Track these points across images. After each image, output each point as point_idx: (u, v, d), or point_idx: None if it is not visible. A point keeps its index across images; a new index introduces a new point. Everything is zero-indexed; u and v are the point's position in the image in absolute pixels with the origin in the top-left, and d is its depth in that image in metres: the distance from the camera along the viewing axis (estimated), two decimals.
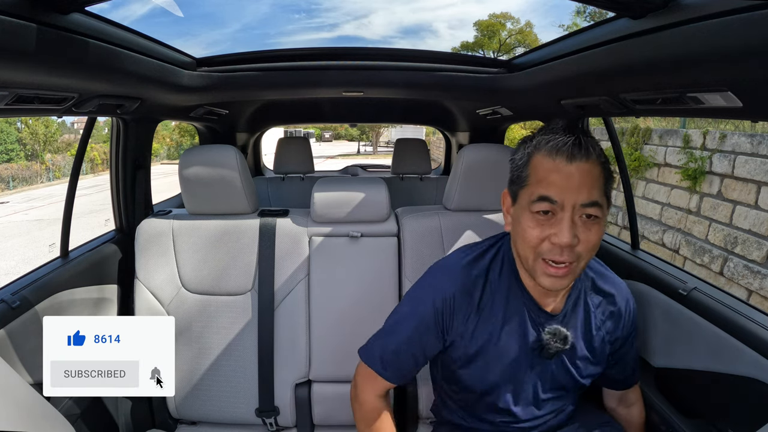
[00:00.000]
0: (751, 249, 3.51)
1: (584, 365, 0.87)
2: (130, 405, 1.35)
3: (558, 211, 0.71)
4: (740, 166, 3.68)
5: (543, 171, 0.72)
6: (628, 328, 0.90)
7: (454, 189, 1.27)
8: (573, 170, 0.70)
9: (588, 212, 0.71)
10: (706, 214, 4.03)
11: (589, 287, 0.88)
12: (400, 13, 38.01)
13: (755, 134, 3.62)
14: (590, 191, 0.70)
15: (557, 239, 0.70)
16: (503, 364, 0.84)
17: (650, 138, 4.89)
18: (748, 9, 0.52)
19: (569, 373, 0.86)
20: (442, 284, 0.86)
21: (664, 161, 4.65)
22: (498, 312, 0.84)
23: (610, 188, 0.75)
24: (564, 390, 0.89)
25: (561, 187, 0.70)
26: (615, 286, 0.90)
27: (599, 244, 0.74)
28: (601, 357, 0.88)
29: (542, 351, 0.83)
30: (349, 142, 40.41)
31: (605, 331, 0.88)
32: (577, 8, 13.71)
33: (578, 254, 0.72)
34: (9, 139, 21.46)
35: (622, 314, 0.89)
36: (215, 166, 1.24)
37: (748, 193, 3.60)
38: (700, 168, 4.06)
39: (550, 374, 0.86)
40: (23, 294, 1.03)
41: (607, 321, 0.88)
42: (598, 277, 0.89)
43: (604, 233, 0.76)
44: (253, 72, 1.27)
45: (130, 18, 24.16)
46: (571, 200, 0.70)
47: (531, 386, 0.87)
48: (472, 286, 0.84)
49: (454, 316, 0.84)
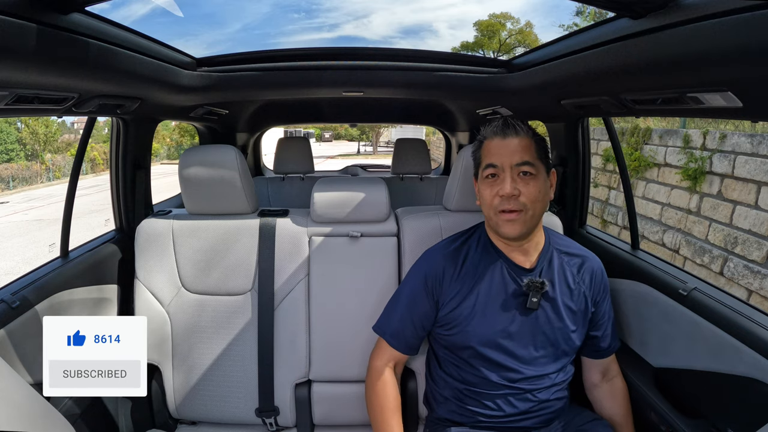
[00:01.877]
0: (751, 249, 3.51)
1: (569, 317, 0.99)
2: (130, 405, 1.35)
3: (500, 173, 0.94)
4: (740, 166, 3.68)
5: (487, 149, 0.97)
6: (603, 290, 1.04)
7: (454, 189, 1.26)
8: (507, 143, 0.94)
9: (522, 170, 0.93)
10: (706, 214, 4.03)
11: (560, 252, 1.03)
12: (400, 14, 38.05)
13: (755, 134, 3.61)
14: (522, 155, 0.93)
15: (502, 191, 0.92)
16: (493, 317, 0.97)
17: (650, 138, 4.89)
18: (748, 9, 0.52)
19: (557, 326, 0.98)
20: (429, 260, 1.06)
21: (664, 161, 4.64)
22: (480, 273, 1.00)
23: (543, 154, 0.96)
24: (555, 347, 0.98)
25: (500, 155, 0.94)
26: (584, 252, 1.06)
27: (539, 197, 0.93)
28: (583, 312, 1.01)
29: (526, 302, 0.96)
30: (349, 142, 40.42)
31: (584, 287, 1.02)
32: (577, 8, 13.71)
33: (523, 204, 0.92)
34: (9, 139, 21.46)
35: (595, 273, 1.03)
36: (215, 166, 1.24)
37: (748, 193, 3.60)
38: (700, 168, 4.06)
39: (540, 329, 0.97)
40: (23, 294, 1.03)
41: (584, 276, 1.02)
42: (566, 246, 1.06)
43: (547, 190, 0.96)
44: (253, 72, 1.27)
45: (130, 18, 24.16)
46: (508, 162, 0.93)
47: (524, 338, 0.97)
48: (454, 256, 1.03)
49: (443, 281, 1.02)
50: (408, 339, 1.06)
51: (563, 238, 1.08)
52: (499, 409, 0.99)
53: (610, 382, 1.10)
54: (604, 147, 5.80)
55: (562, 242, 1.06)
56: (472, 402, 1.01)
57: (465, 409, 1.01)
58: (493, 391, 0.98)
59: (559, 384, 1.01)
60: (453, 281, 1.01)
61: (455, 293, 1.00)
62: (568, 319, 0.99)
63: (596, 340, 1.06)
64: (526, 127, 0.96)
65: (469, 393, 1.01)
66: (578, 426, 1.01)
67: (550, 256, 1.01)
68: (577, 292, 1.00)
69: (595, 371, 1.11)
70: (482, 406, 1.00)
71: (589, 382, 1.13)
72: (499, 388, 0.98)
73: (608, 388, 1.10)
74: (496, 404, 0.99)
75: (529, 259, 1.00)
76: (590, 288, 1.02)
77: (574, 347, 1.02)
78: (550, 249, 1.02)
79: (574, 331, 0.99)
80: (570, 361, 1.04)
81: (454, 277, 1.01)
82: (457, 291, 1.00)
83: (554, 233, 1.08)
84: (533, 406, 0.99)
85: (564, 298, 0.99)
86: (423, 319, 1.04)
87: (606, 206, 5.74)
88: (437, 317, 1.03)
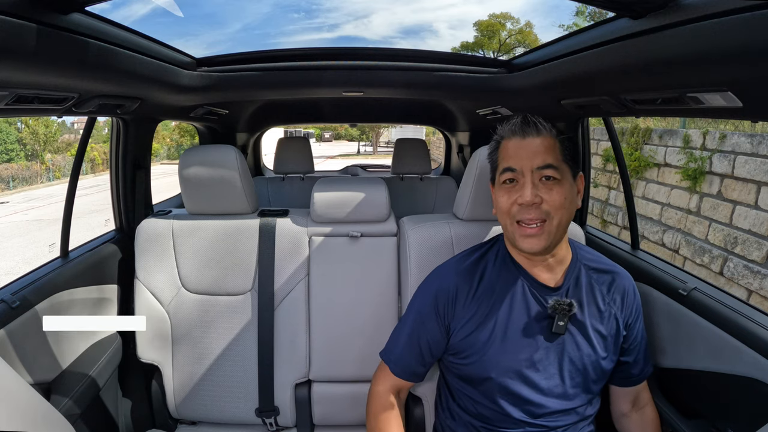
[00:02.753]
0: (751, 249, 3.51)
1: (599, 343, 0.87)
2: (130, 405, 1.35)
3: (520, 178, 0.82)
4: (740, 166, 3.67)
5: (505, 150, 0.85)
6: (635, 310, 0.92)
7: (467, 196, 1.10)
8: (527, 143, 0.82)
9: (545, 174, 0.80)
10: (706, 214, 4.03)
11: (588, 268, 0.91)
12: (401, 14, 38.07)
13: (755, 134, 3.61)
14: (544, 157, 0.81)
15: (521, 198, 0.80)
16: (515, 344, 0.85)
17: (650, 138, 4.89)
18: (748, 9, 0.52)
19: (586, 353, 0.85)
20: (440, 278, 0.93)
21: (664, 161, 4.64)
22: (499, 292, 0.88)
23: (568, 155, 0.83)
24: (584, 377, 0.86)
25: (519, 157, 0.82)
26: (615, 267, 0.94)
27: (565, 204, 0.81)
28: (614, 336, 0.88)
29: (552, 326, 0.84)
30: (349, 142, 40.42)
31: (615, 308, 0.89)
32: (577, 8, 13.71)
33: (546, 212, 0.80)
34: (9, 139, 21.46)
35: (627, 292, 0.91)
36: (215, 166, 1.24)
37: (748, 193, 3.60)
38: (700, 168, 4.06)
39: (567, 356, 0.85)
40: (23, 294, 1.03)
41: (614, 295, 0.90)
42: (595, 261, 0.93)
43: (574, 197, 0.84)
44: (253, 72, 1.27)
45: (130, 18, 24.18)
46: (528, 166, 0.81)
47: (550, 368, 0.85)
48: (469, 274, 0.90)
49: (456, 303, 0.89)
50: (412, 367, 0.94)
51: (590, 252, 0.95)
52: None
53: (640, 411, 0.99)
54: (604, 147, 5.80)
55: (590, 256, 0.93)
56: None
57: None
58: (513, 428, 0.87)
59: (587, 418, 0.90)
60: (468, 303, 0.88)
61: (470, 317, 0.88)
62: (598, 344, 0.86)
63: (627, 366, 0.94)
64: (549, 125, 0.84)
65: (485, 430, 0.89)
66: None
67: (578, 273, 0.89)
68: (608, 314, 0.88)
69: (624, 400, 0.99)
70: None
71: (617, 411, 1.01)
72: (520, 425, 0.86)
73: (638, 418, 0.98)
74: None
75: (554, 277, 0.87)
76: (622, 309, 0.90)
77: (605, 376, 0.90)
78: (577, 265, 0.89)
79: (604, 358, 0.87)
80: (599, 391, 0.92)
81: (469, 297, 0.88)
82: (473, 314, 0.88)
83: (580, 246, 0.96)
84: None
85: (593, 321, 0.87)
86: (431, 346, 0.92)
87: (606, 206, 5.74)
88: (449, 344, 0.90)
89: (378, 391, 0.97)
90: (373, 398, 0.97)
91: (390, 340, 0.99)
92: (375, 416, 0.94)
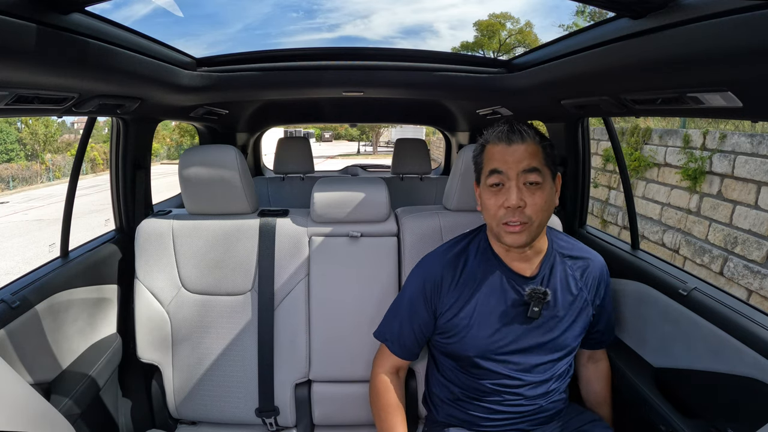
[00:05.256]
0: (751, 249, 3.51)
1: (571, 324, 0.97)
2: (130, 405, 1.35)
3: (506, 181, 0.89)
4: (740, 166, 3.67)
5: (491, 154, 0.92)
6: (605, 290, 1.04)
7: (453, 189, 1.25)
8: (513, 149, 0.89)
9: (530, 179, 0.88)
10: (706, 214, 4.03)
11: (563, 255, 1.01)
12: (401, 14, 38.10)
13: (755, 134, 3.61)
14: (529, 161, 0.88)
15: (508, 202, 0.87)
16: (492, 328, 0.95)
17: (650, 138, 4.89)
18: (748, 9, 0.52)
19: (558, 334, 0.96)
20: (427, 266, 1.03)
21: (664, 161, 4.64)
22: (479, 281, 0.98)
23: (549, 160, 0.91)
24: (557, 352, 0.97)
25: (505, 162, 0.89)
26: (589, 254, 1.04)
27: (545, 207, 0.89)
28: (586, 316, 0.99)
29: (527, 311, 0.94)
30: (349, 142, 40.43)
31: (586, 292, 1.00)
32: (577, 8, 13.70)
33: (528, 216, 0.88)
34: (9, 139, 21.46)
35: (598, 275, 1.01)
36: (215, 166, 1.24)
37: (748, 193, 3.60)
38: (700, 168, 4.06)
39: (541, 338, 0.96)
40: (23, 294, 1.03)
41: (587, 280, 1.00)
42: (569, 248, 1.03)
43: (552, 199, 0.91)
44: (253, 72, 1.27)
45: (130, 18, 24.19)
46: (514, 170, 0.88)
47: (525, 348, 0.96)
48: (453, 263, 1.01)
49: (441, 289, 1.00)
50: (408, 345, 1.05)
51: (566, 240, 1.05)
52: (499, 412, 0.98)
53: (596, 364, 1.15)
54: (604, 147, 5.80)
55: (565, 244, 1.03)
56: (471, 406, 1.00)
57: (464, 413, 1.02)
58: (492, 397, 0.98)
59: (559, 386, 1.01)
60: (451, 289, 0.99)
61: (453, 301, 0.98)
62: (570, 327, 0.97)
63: (594, 335, 1.08)
64: (533, 131, 0.90)
65: (467, 397, 1.01)
66: (577, 427, 1.01)
67: (553, 262, 0.98)
68: (580, 297, 0.98)
69: (585, 356, 1.15)
70: (481, 409, 0.99)
71: (576, 362, 1.14)
72: (498, 394, 0.97)
73: (594, 368, 1.15)
74: (495, 408, 0.98)
75: (530, 267, 0.97)
76: (593, 292, 1.00)
77: (574, 351, 1.01)
78: (552, 254, 0.99)
79: (575, 337, 0.99)
80: (570, 362, 1.03)
81: (453, 284, 0.99)
82: (456, 299, 0.98)
83: (557, 234, 1.05)
84: (534, 409, 0.98)
85: (566, 305, 0.97)
86: (422, 327, 1.03)
87: (606, 206, 5.74)
88: (436, 325, 1.02)
89: (380, 372, 1.07)
90: (376, 378, 1.06)
91: (384, 322, 1.09)
92: (378, 395, 1.04)
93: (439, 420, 1.07)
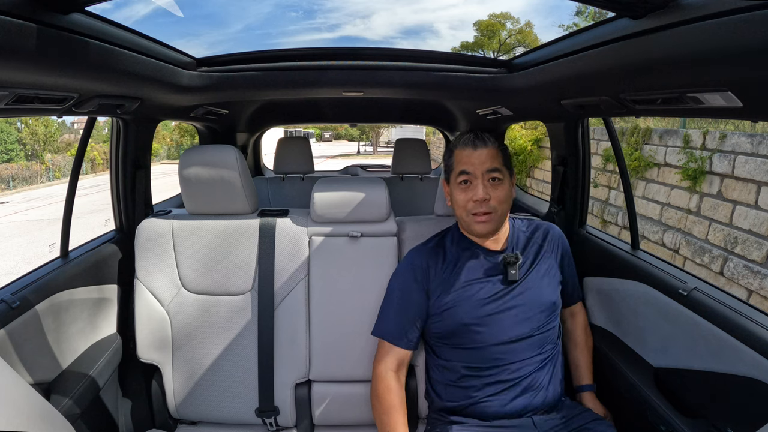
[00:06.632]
0: (751, 249, 3.51)
1: (546, 279, 1.12)
2: (130, 405, 1.35)
3: (473, 180, 1.06)
4: (740, 166, 3.67)
5: (459, 158, 1.09)
6: (565, 252, 1.20)
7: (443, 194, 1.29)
8: (478, 153, 1.06)
9: (492, 176, 1.06)
10: (706, 214, 4.03)
11: (522, 231, 1.19)
12: (401, 14, 38.12)
13: (755, 134, 3.61)
14: (491, 162, 1.06)
15: (476, 196, 1.05)
16: (479, 295, 1.07)
17: (650, 138, 4.89)
18: (748, 9, 0.52)
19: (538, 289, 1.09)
20: (413, 257, 1.17)
21: (664, 161, 4.64)
22: (460, 262, 1.12)
23: (507, 161, 1.10)
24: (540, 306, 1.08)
25: (472, 164, 1.06)
26: (542, 223, 1.22)
27: (506, 199, 1.07)
28: (555, 271, 1.15)
29: (507, 276, 1.08)
30: (349, 142, 40.44)
31: (551, 254, 1.16)
32: (577, 8, 13.70)
33: (493, 207, 1.05)
34: (9, 139, 21.47)
35: (557, 239, 1.19)
36: (215, 166, 1.24)
37: (748, 193, 3.60)
38: (700, 168, 4.05)
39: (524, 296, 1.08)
40: (23, 294, 1.03)
41: (550, 245, 1.17)
42: (527, 224, 1.22)
43: (511, 192, 1.10)
44: (253, 72, 1.27)
45: (130, 18, 24.20)
46: (480, 169, 1.05)
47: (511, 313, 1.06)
48: (434, 253, 1.15)
49: (429, 271, 1.12)
50: (407, 333, 1.11)
51: (522, 220, 1.23)
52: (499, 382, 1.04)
53: (573, 317, 1.29)
54: (604, 147, 5.80)
55: (521, 223, 1.21)
56: (472, 380, 1.06)
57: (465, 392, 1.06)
58: (490, 365, 1.04)
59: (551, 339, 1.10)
60: (437, 273, 1.12)
61: (441, 282, 1.10)
62: (546, 285, 1.11)
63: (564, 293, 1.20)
64: (493, 138, 1.09)
65: (467, 373, 1.06)
66: (580, 425, 1.02)
67: (517, 237, 1.16)
68: (546, 256, 1.15)
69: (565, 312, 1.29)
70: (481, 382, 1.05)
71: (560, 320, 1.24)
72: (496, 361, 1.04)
73: (572, 321, 1.29)
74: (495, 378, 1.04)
75: (499, 244, 1.14)
76: (555, 253, 1.17)
77: (557, 306, 1.13)
78: (515, 233, 1.17)
79: (552, 293, 1.12)
80: (556, 316, 1.13)
81: (438, 269, 1.12)
82: (442, 280, 1.11)
83: (514, 218, 1.22)
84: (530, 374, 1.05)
85: (538, 268, 1.12)
86: (418, 311, 1.11)
87: (606, 206, 5.74)
88: (429, 306, 1.11)
89: (380, 371, 1.09)
90: (377, 378, 1.09)
91: (379, 318, 1.16)
92: (378, 394, 1.06)
93: (442, 408, 1.11)
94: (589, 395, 1.20)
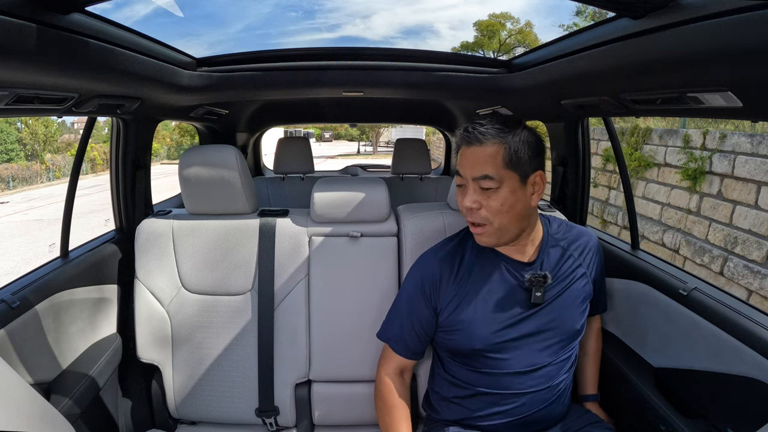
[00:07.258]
0: (751, 249, 3.51)
1: (574, 303, 0.97)
2: (130, 405, 1.35)
3: (465, 184, 0.92)
4: (740, 166, 3.67)
5: (460, 156, 0.94)
6: (600, 264, 1.05)
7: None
8: (470, 153, 0.90)
9: (481, 185, 0.88)
10: (706, 214, 4.03)
11: (558, 239, 1.01)
12: (402, 14, 38.13)
13: (755, 134, 3.61)
14: (481, 168, 0.88)
15: (464, 204, 0.91)
16: (496, 317, 0.94)
17: (650, 138, 4.89)
18: (748, 9, 0.52)
19: (563, 316, 0.96)
20: (424, 265, 1.03)
21: (664, 161, 4.64)
22: (478, 272, 0.98)
23: (514, 161, 0.88)
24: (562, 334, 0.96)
25: (464, 165, 0.91)
26: (581, 232, 1.05)
27: (503, 209, 0.88)
28: (586, 293, 1.00)
29: (530, 297, 0.94)
30: (349, 142, 40.44)
31: (585, 267, 1.01)
32: (577, 8, 13.70)
33: (485, 218, 0.90)
34: (9, 139, 21.47)
35: (592, 250, 1.03)
36: (215, 166, 1.24)
37: (748, 193, 3.60)
38: (700, 168, 4.05)
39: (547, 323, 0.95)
40: (23, 294, 1.03)
41: (585, 257, 1.01)
42: (566, 230, 1.04)
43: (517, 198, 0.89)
44: (253, 72, 1.27)
45: (131, 18, 24.19)
46: (468, 175, 0.90)
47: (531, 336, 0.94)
48: (450, 259, 1.01)
49: (440, 285, 0.99)
50: (411, 345, 1.04)
51: (561, 224, 1.06)
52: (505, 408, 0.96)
53: (590, 324, 1.18)
54: (604, 147, 5.80)
55: (558, 228, 1.04)
56: (478, 403, 0.98)
57: (469, 411, 0.99)
58: (499, 391, 0.96)
59: (566, 371, 0.99)
60: (451, 284, 0.98)
61: (453, 295, 0.98)
62: (573, 305, 0.97)
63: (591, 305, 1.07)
64: (495, 131, 0.88)
65: (473, 394, 0.99)
66: (580, 427, 1.00)
67: (550, 247, 0.99)
68: (580, 275, 0.99)
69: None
70: (488, 406, 0.97)
71: None
72: (505, 387, 0.96)
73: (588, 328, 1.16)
74: (502, 404, 0.96)
75: (527, 253, 0.97)
76: (590, 267, 1.02)
77: (581, 329, 1.00)
78: (548, 240, 1.00)
79: (580, 315, 0.99)
80: (575, 351, 1.01)
81: (452, 279, 0.99)
82: (455, 294, 0.98)
83: (553, 220, 1.06)
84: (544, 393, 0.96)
85: (568, 286, 0.97)
86: (424, 326, 1.02)
87: (606, 206, 5.74)
88: (438, 323, 1.01)
89: (384, 375, 1.05)
90: (381, 381, 1.05)
91: (386, 322, 1.08)
92: (383, 398, 1.03)
93: (441, 419, 1.05)
94: (593, 405, 1.15)
